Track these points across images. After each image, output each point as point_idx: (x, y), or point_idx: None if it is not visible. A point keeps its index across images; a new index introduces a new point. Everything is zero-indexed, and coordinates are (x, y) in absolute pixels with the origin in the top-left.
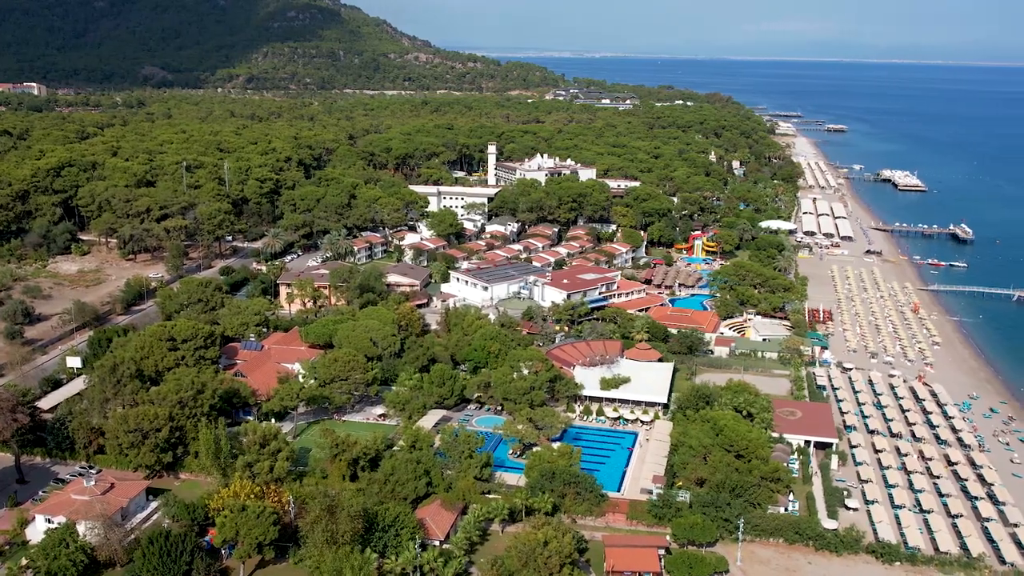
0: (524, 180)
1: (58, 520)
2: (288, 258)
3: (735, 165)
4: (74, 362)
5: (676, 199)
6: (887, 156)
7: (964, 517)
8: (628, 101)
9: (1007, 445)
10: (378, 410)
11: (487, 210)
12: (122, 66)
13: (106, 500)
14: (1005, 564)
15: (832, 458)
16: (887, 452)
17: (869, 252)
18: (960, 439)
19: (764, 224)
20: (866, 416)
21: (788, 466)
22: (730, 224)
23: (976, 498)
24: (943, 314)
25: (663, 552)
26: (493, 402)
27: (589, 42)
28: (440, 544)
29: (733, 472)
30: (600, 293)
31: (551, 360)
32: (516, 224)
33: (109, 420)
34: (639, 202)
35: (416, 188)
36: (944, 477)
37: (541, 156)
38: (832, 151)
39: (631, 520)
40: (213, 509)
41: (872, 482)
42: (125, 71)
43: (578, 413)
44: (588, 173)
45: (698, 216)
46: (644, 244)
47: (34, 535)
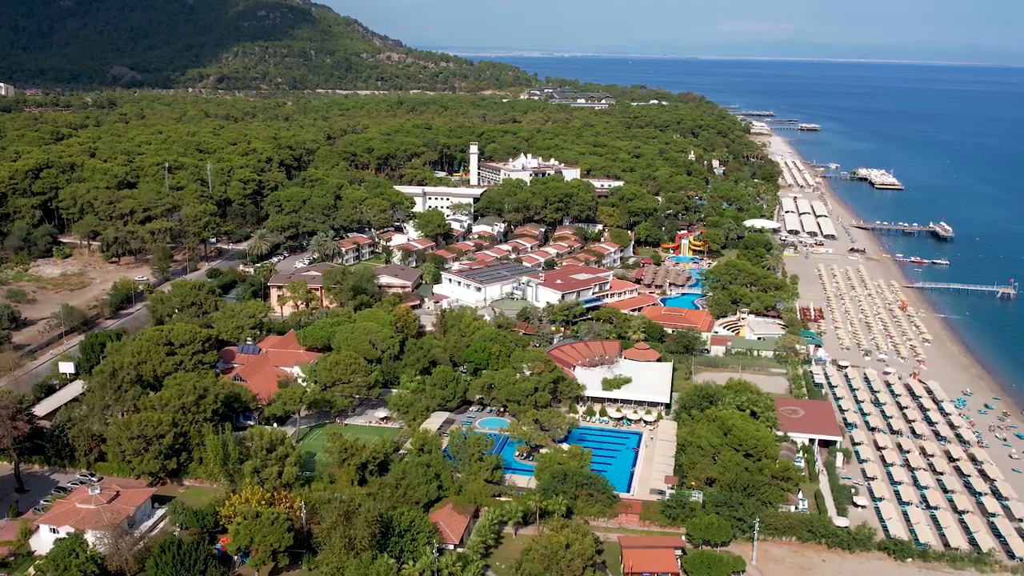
0: (510, 180)
1: (64, 530)
2: (274, 260)
3: (715, 164)
4: (67, 367)
5: (660, 198)
6: (861, 155)
7: (971, 513)
8: (603, 101)
9: (1004, 441)
10: (380, 413)
11: (473, 210)
12: (90, 66)
13: (113, 509)
14: (1014, 559)
15: (837, 456)
16: (890, 449)
17: (853, 250)
18: (959, 435)
19: (748, 223)
20: (866, 414)
21: (795, 464)
22: (715, 223)
23: (980, 494)
24: (930, 311)
25: (679, 552)
26: (496, 404)
27: (558, 41)
28: (454, 548)
29: (743, 471)
30: (594, 293)
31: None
32: (503, 224)
33: (111, 427)
34: (625, 202)
35: (401, 189)
36: (947, 473)
37: (525, 156)
38: (807, 150)
39: (644, 521)
40: (224, 516)
41: (878, 479)
42: (93, 71)
43: (581, 414)
44: (572, 173)
45: (682, 215)
46: (632, 244)
47: (39, 545)
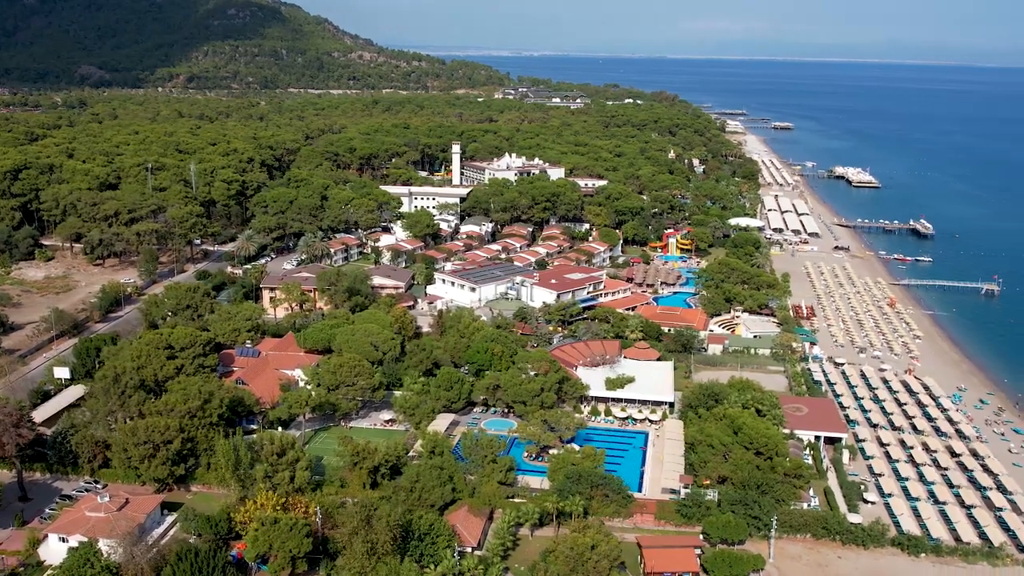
0: (496, 180)
1: (74, 539)
2: (262, 261)
3: (695, 163)
4: (62, 372)
5: (645, 197)
6: (836, 153)
7: (979, 508)
8: (578, 100)
9: (1002, 436)
10: (385, 415)
11: (459, 210)
12: (57, 65)
13: (124, 516)
14: None
15: (843, 452)
16: (893, 445)
17: (837, 248)
18: (959, 431)
19: (733, 221)
20: (867, 410)
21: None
22: (701, 222)
23: (985, 488)
24: (918, 308)
25: (697, 552)
26: (501, 404)
27: (527, 41)
28: (472, 551)
29: (755, 470)
30: (588, 293)
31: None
32: (490, 224)
33: (116, 433)
34: (611, 201)
35: (387, 189)
36: (951, 469)
37: (509, 156)
38: (782, 148)
39: (659, 520)
40: (239, 522)
41: (885, 475)
42: (60, 70)
43: (585, 414)
44: (557, 172)
45: (668, 214)
46: (620, 243)
47: (48, 555)
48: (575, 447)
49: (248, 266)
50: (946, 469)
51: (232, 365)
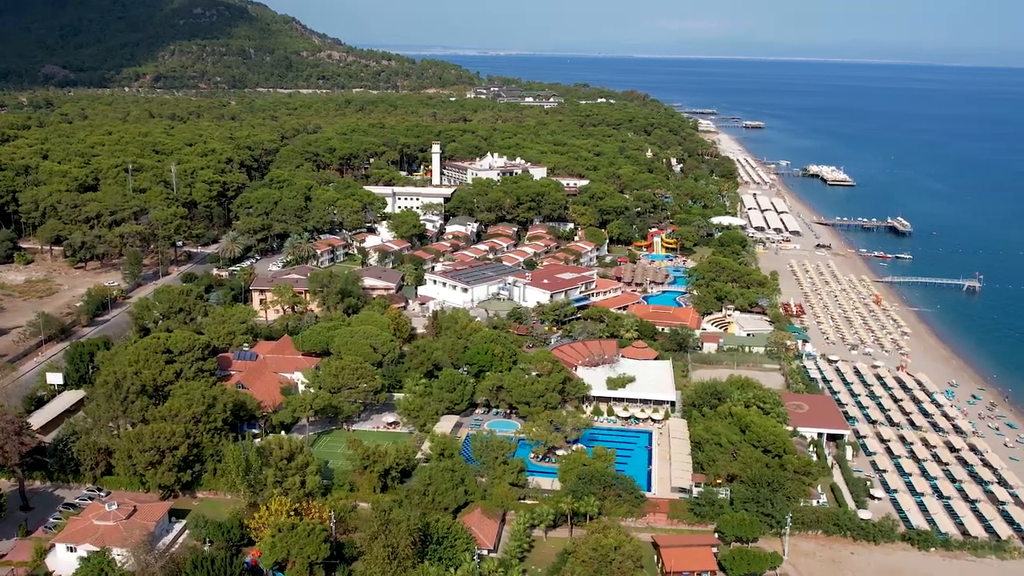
0: (480, 180)
1: (83, 548)
2: (247, 263)
3: (673, 162)
4: (55, 378)
5: (628, 196)
6: (808, 152)
7: (983, 502)
8: (551, 99)
9: (997, 430)
10: (387, 418)
11: (443, 210)
12: (19, 64)
13: (133, 525)
14: None
15: (846, 449)
16: (894, 441)
17: (819, 246)
18: (956, 426)
19: (715, 220)
20: (864, 407)
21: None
22: (684, 221)
23: (987, 483)
24: (903, 305)
25: (713, 550)
26: (503, 405)
27: (493, 40)
28: (488, 553)
29: (764, 468)
30: (580, 292)
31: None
32: (475, 224)
33: (121, 439)
34: (595, 200)
35: (370, 189)
36: (952, 464)
37: (491, 155)
38: (755, 147)
39: (672, 519)
40: (254, 529)
41: (889, 471)
42: (23, 70)
43: (588, 413)
44: (539, 172)
45: (651, 213)
46: (606, 242)
47: (56, 565)
48: (583, 448)
49: (234, 268)
50: (947, 464)
51: (230, 369)
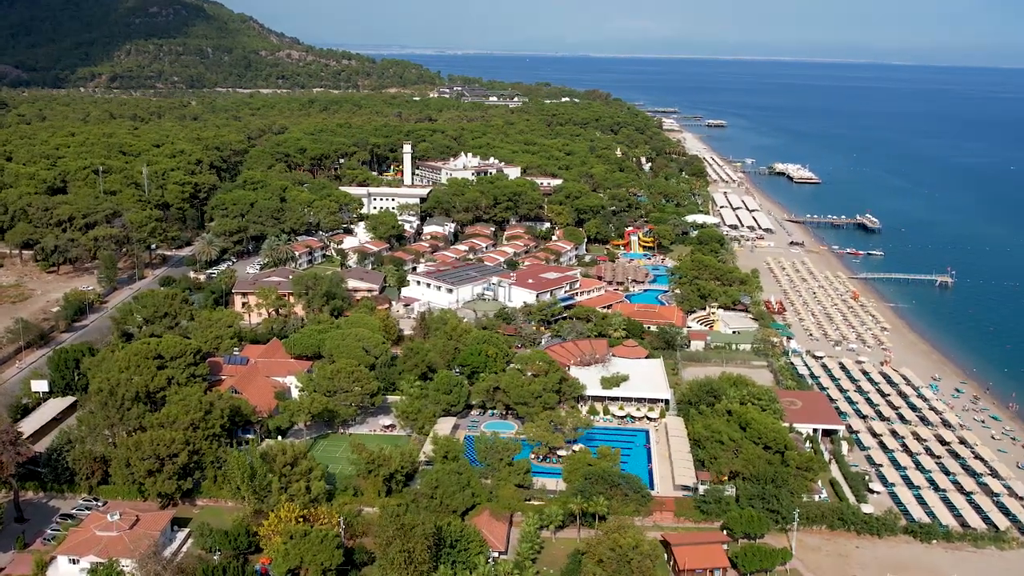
0: (456, 180)
1: (87, 560)
2: (223, 265)
3: (642, 161)
4: (40, 386)
5: (602, 195)
6: (770, 150)
7: (978, 494)
8: (516, 99)
9: (983, 423)
10: (384, 420)
11: (420, 211)
12: None
13: (138, 535)
14: None
15: (842, 444)
16: (887, 436)
17: (793, 243)
18: (944, 420)
19: (690, 219)
20: (854, 402)
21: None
22: (660, 219)
23: (980, 475)
24: (880, 301)
25: (724, 547)
26: (500, 406)
27: (450, 39)
28: (500, 555)
29: (766, 464)
30: (565, 292)
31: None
32: (452, 224)
33: (118, 447)
34: (572, 199)
35: (345, 190)
36: (944, 457)
37: (466, 155)
38: (720, 146)
39: (678, 517)
40: (264, 536)
41: (885, 465)
42: None
43: (584, 413)
44: (514, 172)
45: (626, 212)
46: (584, 242)
47: None
48: (586, 448)
49: (212, 271)
50: (939, 457)
51: (220, 374)
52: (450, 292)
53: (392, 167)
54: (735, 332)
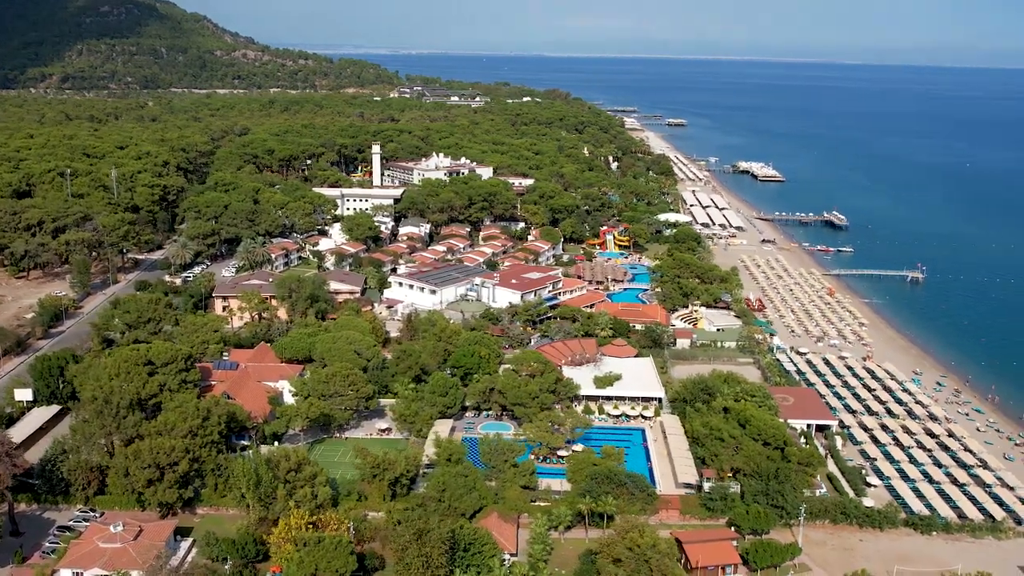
0: (430, 180)
1: (91, 573)
2: (197, 268)
3: (610, 160)
4: (23, 395)
5: (575, 195)
6: (734, 148)
7: (971, 485)
8: (478, 98)
9: (967, 416)
10: (379, 424)
11: (394, 212)
12: None
13: (144, 546)
14: (1022, 524)
15: (836, 439)
16: (877, 430)
17: (765, 241)
18: (931, 414)
19: (662, 217)
20: (842, 398)
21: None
22: (633, 219)
23: (971, 467)
24: (855, 296)
25: (733, 543)
26: (496, 408)
27: (404, 39)
28: (511, 557)
29: (767, 460)
30: (549, 292)
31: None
32: (427, 225)
33: (116, 457)
34: (546, 199)
35: (319, 191)
36: (936, 450)
37: (437, 155)
38: (683, 145)
39: (684, 515)
40: (273, 544)
41: (879, 459)
42: None
43: (579, 413)
44: (486, 172)
45: (599, 211)
46: (561, 241)
47: None
48: (589, 448)
49: (187, 274)
50: (930, 450)
51: (210, 379)
52: (434, 293)
53: (360, 168)
54: (720, 330)
